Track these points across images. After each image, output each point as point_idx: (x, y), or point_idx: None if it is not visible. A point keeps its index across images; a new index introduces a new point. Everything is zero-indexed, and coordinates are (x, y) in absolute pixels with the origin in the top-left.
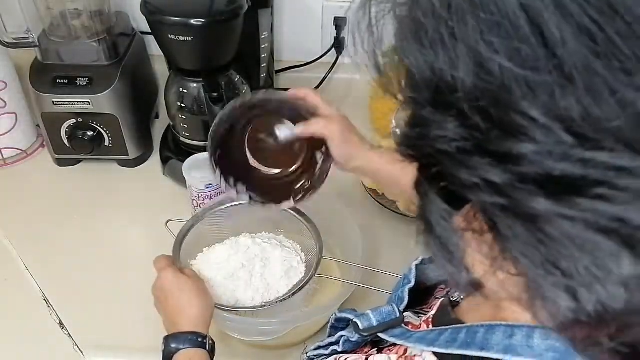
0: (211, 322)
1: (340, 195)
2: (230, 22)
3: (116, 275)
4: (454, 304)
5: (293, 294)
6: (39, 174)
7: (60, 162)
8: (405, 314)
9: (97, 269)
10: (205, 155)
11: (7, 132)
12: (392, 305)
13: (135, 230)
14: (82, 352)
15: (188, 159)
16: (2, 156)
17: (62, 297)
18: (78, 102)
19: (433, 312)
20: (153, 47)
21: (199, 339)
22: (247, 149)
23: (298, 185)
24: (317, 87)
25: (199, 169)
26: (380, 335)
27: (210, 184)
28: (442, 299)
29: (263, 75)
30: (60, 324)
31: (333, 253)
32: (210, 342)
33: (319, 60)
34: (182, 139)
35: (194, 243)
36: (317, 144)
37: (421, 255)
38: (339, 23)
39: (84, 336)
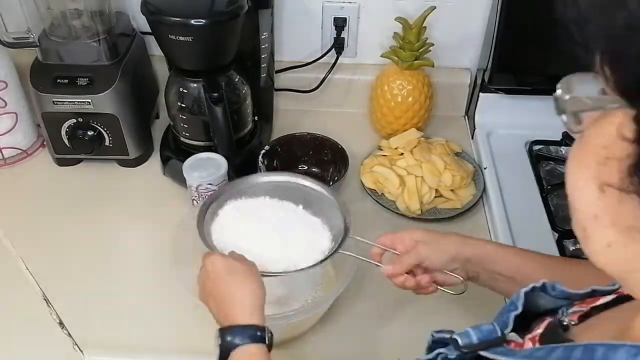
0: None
1: (340, 195)
2: (230, 22)
3: (116, 275)
4: (564, 328)
5: (313, 266)
6: (39, 173)
7: (61, 162)
8: (509, 334)
9: (97, 268)
10: (205, 155)
11: (7, 132)
12: (493, 324)
13: (135, 229)
14: (82, 352)
15: (188, 159)
16: (3, 156)
17: (62, 297)
18: (78, 101)
19: (540, 331)
20: (153, 47)
21: (258, 333)
22: None
23: None
24: (317, 87)
25: (199, 169)
26: (482, 353)
27: (210, 184)
28: (551, 319)
29: (263, 75)
30: (60, 323)
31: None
32: (269, 334)
33: (319, 61)
34: (182, 139)
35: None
36: None
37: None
38: (339, 23)
39: (84, 336)
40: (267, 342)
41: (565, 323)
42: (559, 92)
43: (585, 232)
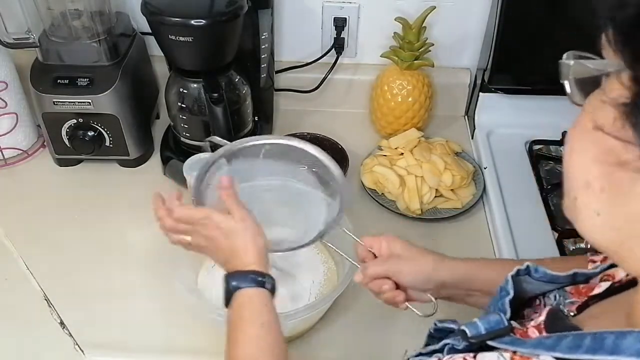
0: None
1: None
2: (230, 22)
3: (116, 275)
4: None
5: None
6: (39, 174)
7: (61, 162)
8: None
9: (97, 268)
10: (205, 155)
11: (8, 132)
12: (499, 314)
13: (135, 230)
14: (82, 352)
15: (188, 159)
16: (3, 156)
17: (62, 297)
18: (79, 102)
19: (542, 319)
20: (153, 47)
21: (260, 278)
22: None
23: None
24: (317, 87)
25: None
26: (490, 342)
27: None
28: (550, 306)
29: (263, 75)
30: (61, 323)
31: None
32: (271, 280)
33: (319, 61)
34: (182, 139)
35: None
36: None
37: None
38: (339, 23)
39: (85, 335)
40: (267, 287)
41: (565, 314)
42: (564, 58)
43: (576, 202)
